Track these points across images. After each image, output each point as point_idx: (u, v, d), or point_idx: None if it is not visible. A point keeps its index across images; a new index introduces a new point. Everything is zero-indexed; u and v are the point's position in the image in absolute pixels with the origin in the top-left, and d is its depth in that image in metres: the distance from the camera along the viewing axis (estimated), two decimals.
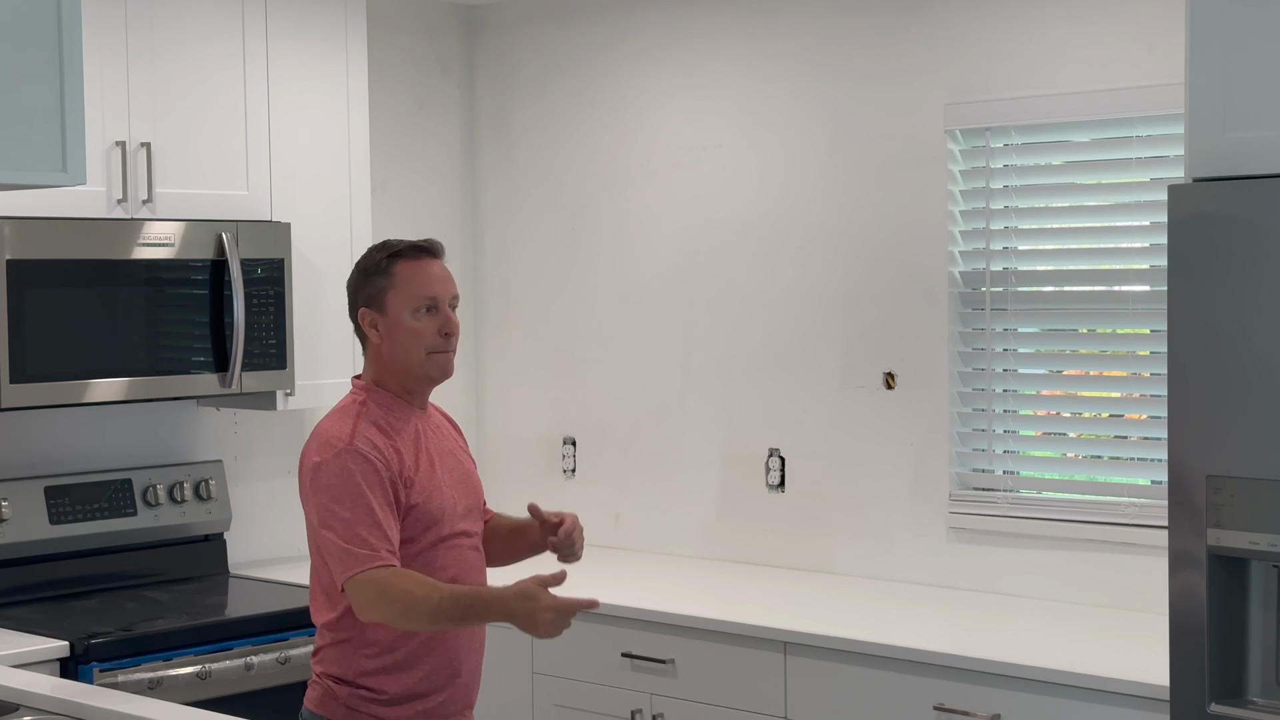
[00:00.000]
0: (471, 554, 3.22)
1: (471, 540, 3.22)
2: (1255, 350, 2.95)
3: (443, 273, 3.20)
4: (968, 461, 4.43)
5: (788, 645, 3.96)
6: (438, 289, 3.16)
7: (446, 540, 3.14)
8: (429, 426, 3.22)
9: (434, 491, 3.13)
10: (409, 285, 3.14)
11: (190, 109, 4.36)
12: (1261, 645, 3.02)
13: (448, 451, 3.23)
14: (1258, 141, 2.98)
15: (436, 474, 3.16)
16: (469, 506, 3.22)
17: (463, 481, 3.22)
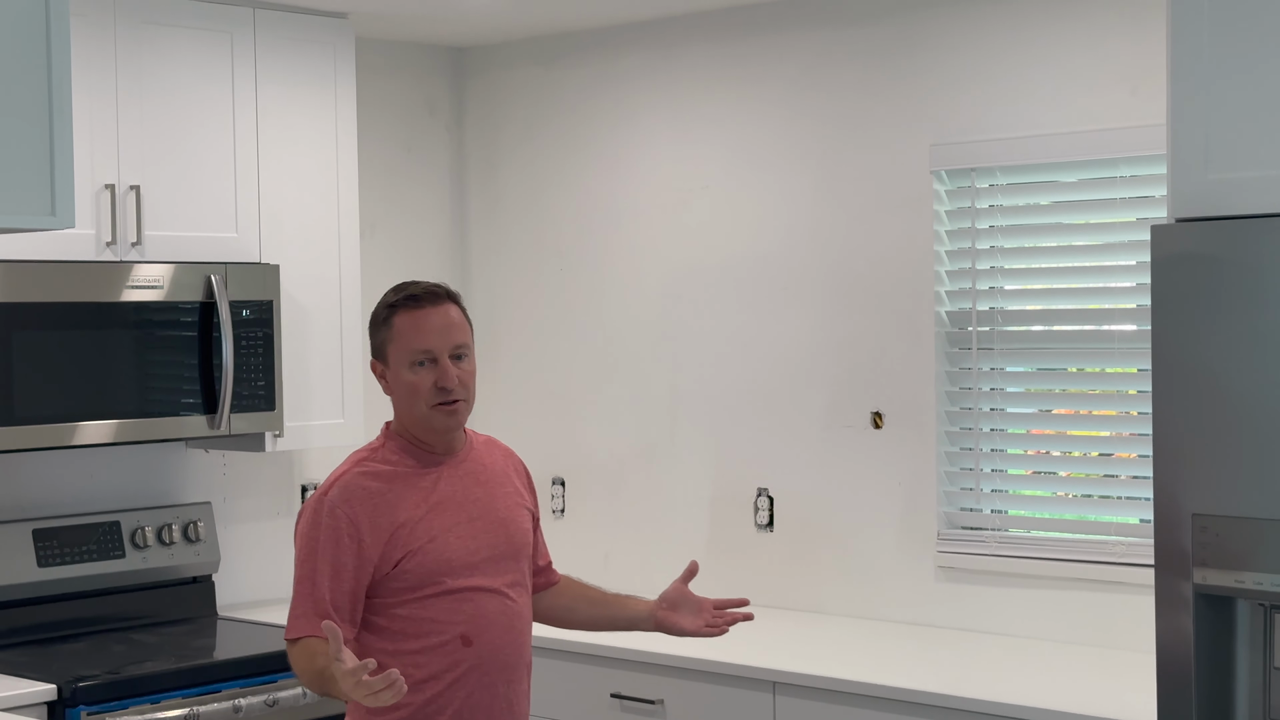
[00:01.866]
0: (494, 605, 3.06)
1: (495, 594, 3.06)
2: (1239, 389, 2.97)
3: (442, 322, 3.07)
4: (955, 501, 4.44)
5: (776, 685, 3.95)
6: (432, 341, 3.06)
7: (455, 593, 3.02)
8: (460, 472, 3.12)
9: (432, 541, 3.02)
10: (404, 338, 3.07)
11: (179, 152, 4.38)
12: (1249, 685, 3.02)
13: (475, 500, 3.11)
14: (1239, 182, 3.00)
15: (444, 523, 3.05)
16: (495, 556, 3.08)
17: (490, 530, 3.09)
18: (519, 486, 3.22)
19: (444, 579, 3.03)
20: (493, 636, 3.06)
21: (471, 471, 3.15)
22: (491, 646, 3.06)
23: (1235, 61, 3.01)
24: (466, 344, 3.10)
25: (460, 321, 3.11)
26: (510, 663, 3.09)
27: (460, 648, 3.03)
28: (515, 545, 3.14)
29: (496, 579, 3.08)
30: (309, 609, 2.96)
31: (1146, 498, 4.09)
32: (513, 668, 3.10)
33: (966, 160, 4.35)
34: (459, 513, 3.09)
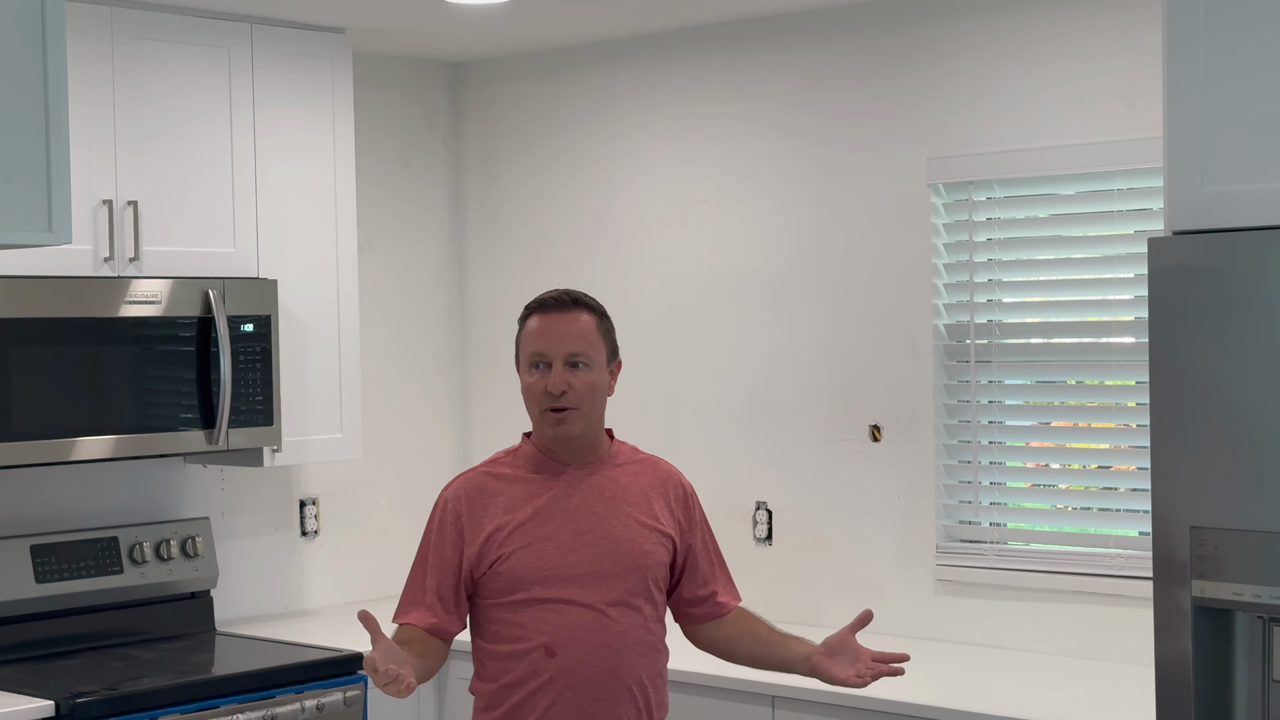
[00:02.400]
0: (585, 620, 3.03)
1: (588, 609, 3.03)
2: (1237, 401, 2.97)
3: (562, 329, 3.08)
4: (954, 514, 4.43)
5: (775, 699, 3.95)
6: (545, 345, 3.07)
7: (543, 602, 3.03)
8: (583, 485, 3.11)
9: (526, 548, 3.04)
10: (526, 341, 3.13)
11: (177, 167, 4.38)
12: (1247, 697, 3.01)
13: (590, 514, 3.08)
14: (1236, 195, 3.00)
15: (544, 532, 3.06)
16: (597, 572, 3.05)
17: (596, 546, 3.06)
18: (658, 509, 3.13)
19: (533, 587, 3.05)
20: (578, 651, 3.04)
21: (597, 486, 3.12)
22: (576, 661, 3.04)
23: (1231, 75, 3.01)
24: (586, 354, 3.08)
25: (585, 332, 3.10)
26: (601, 681, 3.04)
27: (544, 657, 3.04)
28: (624, 565, 3.07)
29: (594, 595, 3.05)
30: (412, 597, 3.11)
31: (1145, 510, 4.09)
32: (604, 686, 3.04)
33: (964, 174, 4.35)
34: (566, 524, 3.08)
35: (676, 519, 3.16)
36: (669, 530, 3.14)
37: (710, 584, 3.21)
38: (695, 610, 3.19)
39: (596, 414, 3.12)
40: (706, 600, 3.20)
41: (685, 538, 3.17)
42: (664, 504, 3.16)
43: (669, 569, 3.16)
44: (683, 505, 3.19)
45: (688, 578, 3.18)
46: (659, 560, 3.11)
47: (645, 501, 3.14)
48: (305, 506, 5.05)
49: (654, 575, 3.10)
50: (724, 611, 3.20)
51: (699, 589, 3.19)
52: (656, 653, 3.13)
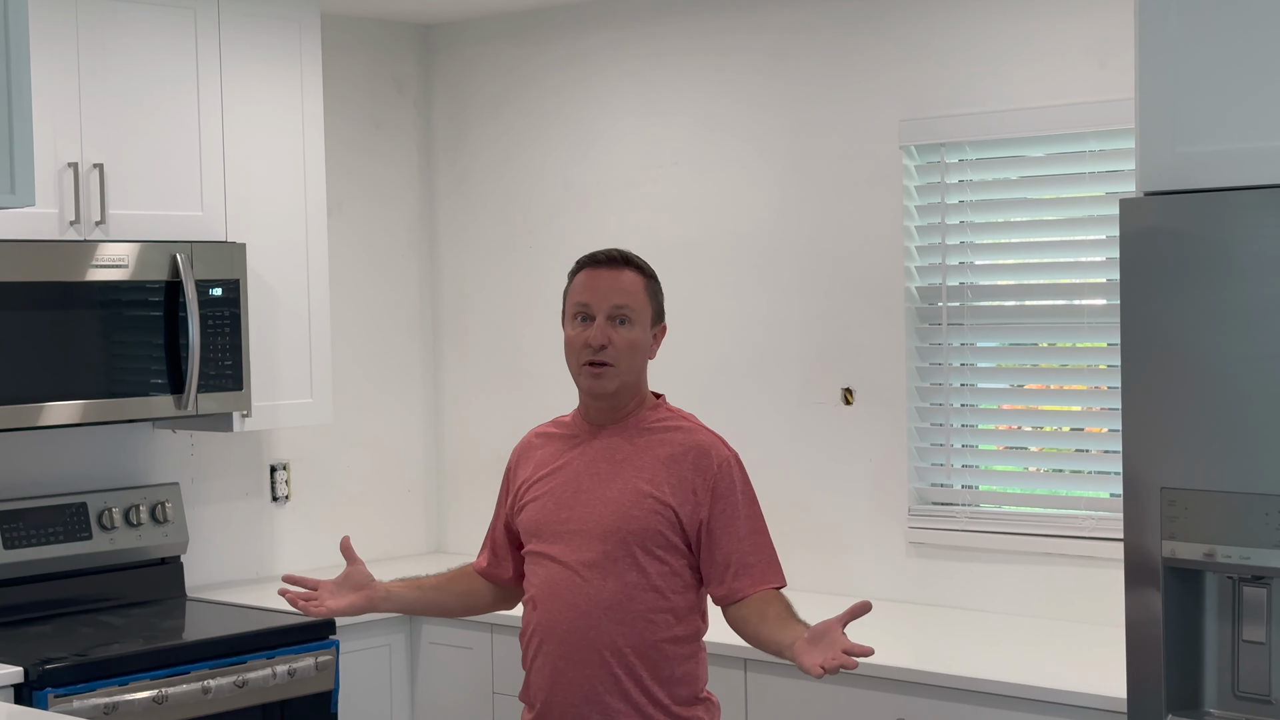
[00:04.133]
0: (561, 578, 3.07)
1: (564, 567, 3.06)
2: (1207, 362, 2.97)
3: (610, 284, 3.09)
4: (926, 476, 4.43)
5: (748, 662, 3.95)
6: (591, 297, 3.08)
7: (535, 555, 3.14)
8: (603, 444, 3.12)
9: (534, 502, 3.15)
10: (572, 293, 3.14)
11: (143, 130, 4.34)
12: (1217, 656, 3.03)
13: (596, 474, 3.10)
14: (1207, 155, 3.00)
15: (552, 487, 3.13)
16: (581, 531, 3.06)
17: (588, 505, 3.07)
18: (665, 478, 3.07)
19: (533, 540, 3.16)
20: (552, 607, 3.08)
21: (612, 447, 3.12)
22: (550, 617, 3.08)
23: (1203, 36, 3.01)
24: (630, 309, 3.08)
25: (632, 288, 3.10)
26: (569, 639, 3.05)
27: (531, 610, 3.14)
28: (606, 527, 3.05)
29: (573, 554, 3.07)
30: (484, 541, 3.34)
31: (1116, 472, 4.07)
32: (572, 645, 3.04)
33: (936, 135, 4.34)
34: (570, 482, 3.13)
35: (690, 490, 3.07)
36: (670, 500, 3.06)
37: (730, 563, 3.07)
38: (715, 589, 3.10)
39: (634, 374, 3.11)
40: (723, 578, 3.07)
41: (698, 511, 3.06)
42: (677, 473, 3.07)
43: (680, 541, 3.07)
44: (705, 477, 3.07)
45: (705, 552, 3.08)
46: (646, 527, 3.04)
47: (654, 468, 3.08)
48: (276, 472, 5.03)
49: (640, 541, 3.04)
50: (740, 596, 3.06)
51: (717, 566, 3.07)
52: (646, 622, 3.05)
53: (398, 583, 3.30)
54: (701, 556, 3.10)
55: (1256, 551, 2.91)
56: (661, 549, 3.07)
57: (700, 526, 3.07)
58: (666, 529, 3.06)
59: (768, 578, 3.10)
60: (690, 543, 3.09)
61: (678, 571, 3.09)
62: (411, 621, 4.63)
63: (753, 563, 3.09)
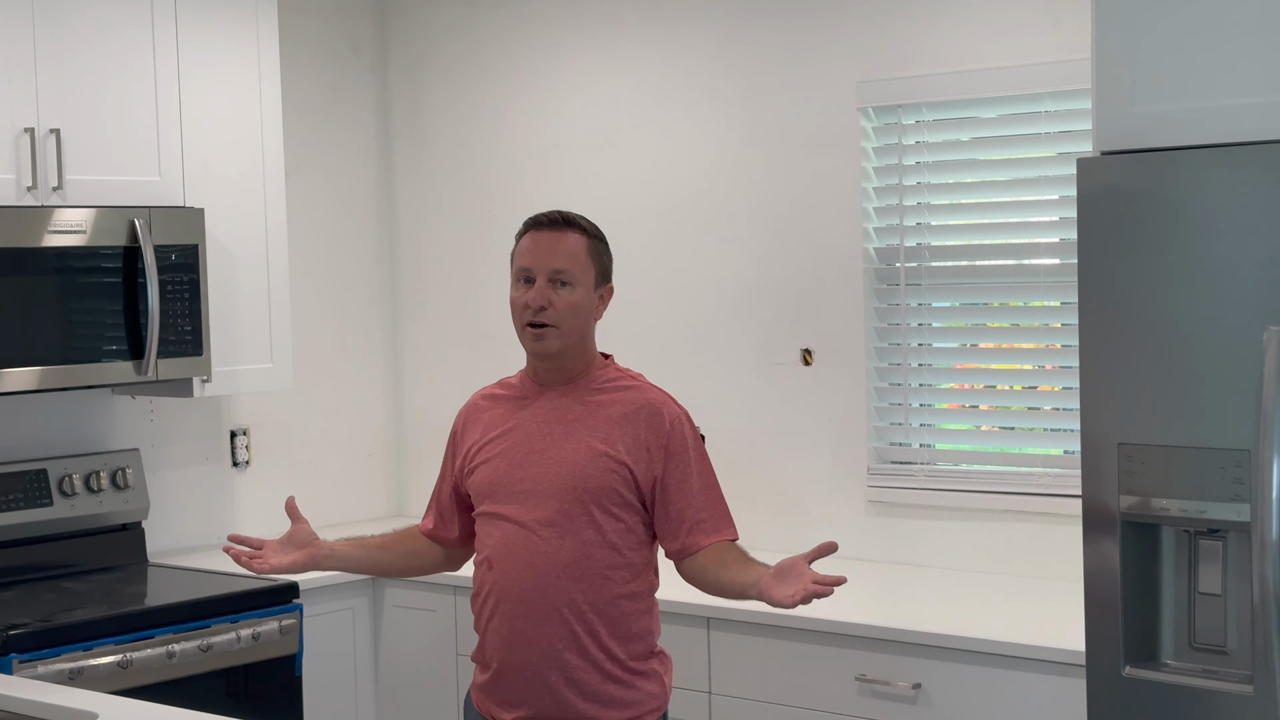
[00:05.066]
0: (517, 538, 3.10)
1: (520, 527, 3.09)
2: (1163, 320, 3.01)
3: (551, 246, 3.11)
4: (885, 435, 4.48)
5: (710, 620, 3.99)
6: (533, 260, 3.12)
7: (489, 516, 3.16)
8: (552, 405, 3.15)
9: (486, 464, 3.18)
10: (516, 256, 3.18)
11: (100, 95, 4.32)
12: (1173, 608, 3.08)
13: (547, 434, 3.12)
14: (1163, 114, 3.04)
15: (503, 448, 3.15)
16: (536, 491, 3.10)
17: (541, 466, 3.11)
18: (619, 436, 3.10)
19: (485, 501, 3.18)
20: (510, 567, 3.11)
21: (563, 408, 3.15)
22: (507, 576, 3.11)
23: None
24: (571, 273, 3.10)
25: (574, 252, 3.12)
26: (527, 598, 3.07)
27: (487, 570, 3.16)
28: (561, 486, 3.08)
29: (529, 513, 3.09)
30: (429, 503, 3.39)
31: (1071, 429, 4.15)
32: (530, 604, 3.07)
33: (893, 97, 4.36)
34: (522, 443, 3.15)
35: (644, 448, 3.11)
36: (624, 458, 3.09)
37: (685, 518, 3.12)
38: (669, 545, 3.14)
39: (576, 335, 3.13)
40: (677, 534, 3.12)
41: (652, 469, 3.10)
42: (630, 432, 3.11)
43: (634, 498, 3.11)
44: (659, 435, 3.11)
45: (659, 508, 3.12)
46: (602, 485, 3.08)
47: (608, 427, 3.12)
48: (236, 437, 5.03)
49: (596, 499, 3.08)
50: (698, 547, 3.12)
51: (672, 522, 3.12)
52: (603, 579, 3.08)
53: (342, 542, 3.33)
54: (656, 513, 3.14)
55: (1212, 505, 2.96)
56: (617, 506, 3.11)
57: (655, 483, 3.12)
58: (622, 487, 3.10)
59: (721, 530, 3.16)
60: (645, 500, 3.13)
61: (632, 528, 3.13)
62: (374, 585, 4.65)
63: (706, 517, 3.14)
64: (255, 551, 3.22)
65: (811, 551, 2.94)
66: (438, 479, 3.37)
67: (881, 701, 3.72)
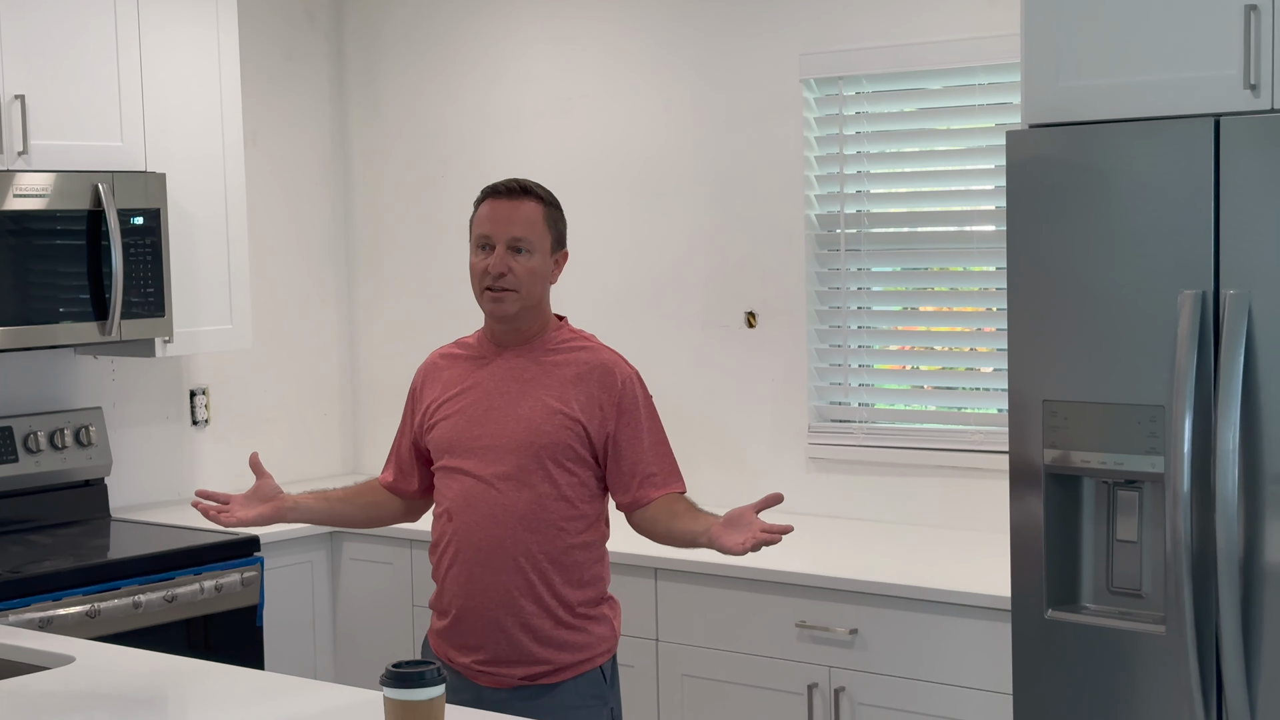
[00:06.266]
0: (476, 491, 3.24)
1: (479, 481, 3.24)
2: (1086, 284, 3.19)
3: (509, 214, 3.25)
4: (825, 395, 4.65)
5: (658, 571, 4.16)
6: (491, 228, 3.25)
7: (448, 470, 3.30)
8: (509, 365, 3.29)
9: (445, 420, 3.31)
10: (475, 224, 3.31)
11: (63, 61, 4.42)
12: (1093, 555, 3.28)
13: (504, 392, 3.27)
14: (1088, 89, 3.22)
15: (461, 406, 3.29)
16: (494, 446, 3.24)
17: (498, 423, 3.25)
18: (573, 395, 3.25)
19: (445, 456, 3.32)
20: (469, 518, 3.25)
21: (519, 368, 3.29)
22: (466, 527, 3.25)
23: None
24: (529, 240, 3.24)
25: (531, 219, 3.26)
26: (485, 548, 3.23)
27: (447, 522, 3.30)
28: (518, 442, 3.23)
29: (486, 468, 3.24)
30: (388, 457, 3.52)
31: (1003, 389, 4.33)
32: (488, 553, 3.22)
33: (834, 69, 4.53)
34: (480, 401, 3.29)
35: (597, 406, 3.25)
36: (578, 416, 3.25)
37: (636, 473, 3.28)
38: (620, 497, 3.31)
39: (534, 298, 3.28)
40: (629, 487, 3.28)
41: (605, 425, 3.26)
42: (584, 391, 3.26)
43: (587, 454, 3.26)
44: (611, 394, 3.27)
45: (611, 463, 3.28)
46: (557, 441, 3.23)
47: (562, 386, 3.27)
48: (195, 396, 5.16)
49: (551, 455, 3.23)
50: (647, 500, 3.28)
51: (624, 476, 3.27)
52: (557, 530, 3.24)
53: (305, 495, 3.46)
54: (608, 468, 3.30)
55: (1129, 457, 3.15)
56: (571, 461, 3.26)
57: (607, 440, 3.27)
58: (576, 443, 3.25)
59: (670, 483, 3.32)
60: (597, 455, 3.29)
61: (585, 482, 3.29)
62: (332, 538, 4.80)
63: (656, 471, 3.30)
64: (222, 506, 3.34)
65: (759, 502, 3.10)
66: (396, 434, 3.50)
67: (821, 646, 3.91)
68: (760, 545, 3.06)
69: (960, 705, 3.71)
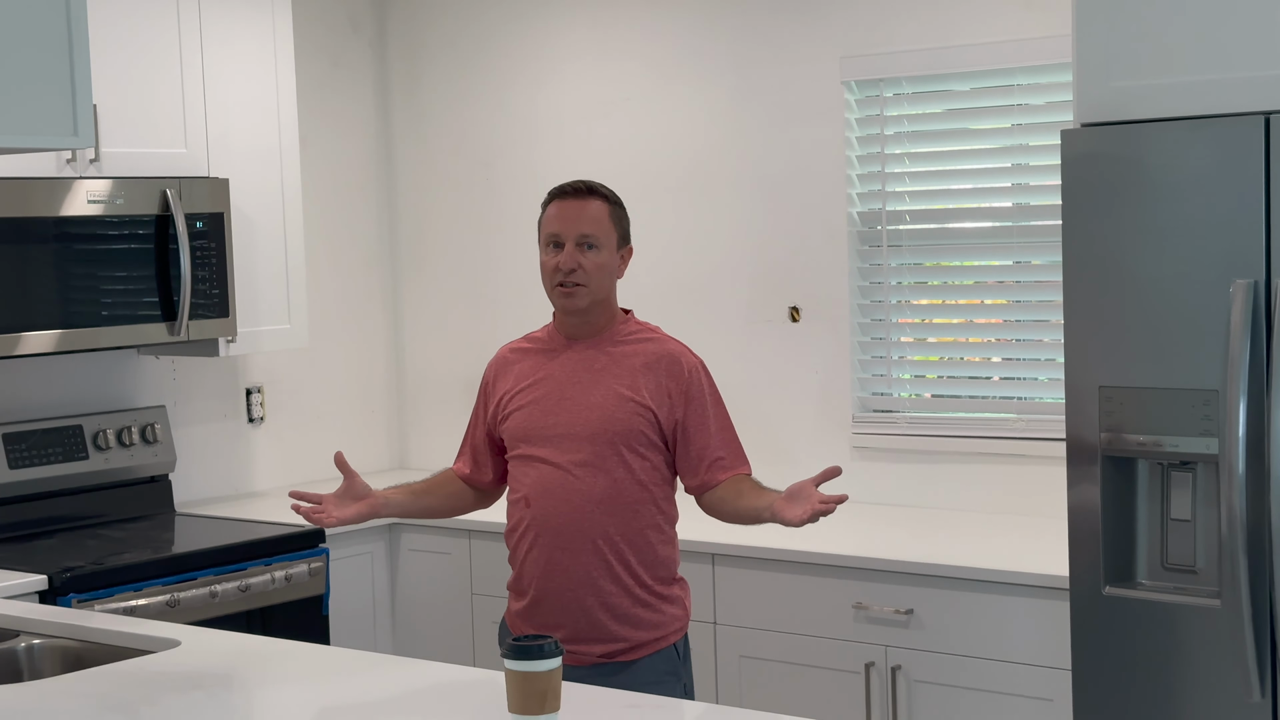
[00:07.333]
0: (554, 477, 3.39)
1: (556, 468, 3.39)
2: (1137, 274, 3.35)
3: (577, 213, 3.42)
4: (868, 386, 4.81)
5: (715, 556, 4.31)
6: (561, 227, 3.42)
7: (524, 458, 3.45)
8: (580, 356, 3.45)
9: (520, 410, 3.46)
10: (545, 224, 3.46)
11: (131, 71, 4.57)
12: (1148, 533, 3.44)
13: (577, 382, 3.42)
14: (1137, 89, 3.37)
15: (536, 396, 3.44)
16: (569, 435, 3.39)
17: (573, 411, 3.40)
18: (643, 383, 3.41)
19: (521, 445, 3.46)
20: (547, 504, 3.41)
21: (590, 359, 3.45)
22: (544, 512, 3.41)
23: None
24: (596, 237, 3.41)
25: (598, 217, 3.44)
26: (564, 531, 3.39)
27: (525, 508, 3.45)
28: (593, 429, 3.38)
29: (563, 455, 3.40)
30: (460, 448, 3.66)
31: (1041, 377, 4.51)
32: (568, 536, 3.38)
33: (874, 72, 4.69)
34: (554, 391, 3.44)
35: (666, 394, 3.42)
36: (649, 404, 3.42)
37: (705, 457, 3.44)
38: (689, 480, 3.48)
39: (603, 292, 3.45)
40: (697, 470, 3.45)
41: (674, 412, 3.42)
42: (654, 379, 3.43)
43: (658, 439, 3.43)
44: (679, 382, 3.44)
45: (680, 448, 3.45)
46: (630, 428, 3.40)
47: (632, 375, 3.44)
48: (251, 394, 5.31)
49: (625, 441, 3.40)
50: (716, 481, 3.45)
51: (693, 460, 3.44)
52: (633, 512, 3.41)
53: (392, 490, 3.60)
54: (677, 453, 3.46)
55: (1183, 439, 3.31)
56: (644, 447, 3.42)
57: (676, 426, 3.44)
58: (647, 429, 3.42)
59: (737, 466, 3.51)
60: (667, 441, 3.45)
61: (657, 467, 3.45)
62: (390, 530, 4.95)
63: (723, 455, 3.48)
64: (317, 507, 3.45)
65: (819, 475, 3.29)
66: (468, 427, 3.65)
67: (877, 626, 4.06)
68: (818, 516, 3.25)
69: (1015, 681, 3.87)
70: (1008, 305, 4.65)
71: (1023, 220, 4.54)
